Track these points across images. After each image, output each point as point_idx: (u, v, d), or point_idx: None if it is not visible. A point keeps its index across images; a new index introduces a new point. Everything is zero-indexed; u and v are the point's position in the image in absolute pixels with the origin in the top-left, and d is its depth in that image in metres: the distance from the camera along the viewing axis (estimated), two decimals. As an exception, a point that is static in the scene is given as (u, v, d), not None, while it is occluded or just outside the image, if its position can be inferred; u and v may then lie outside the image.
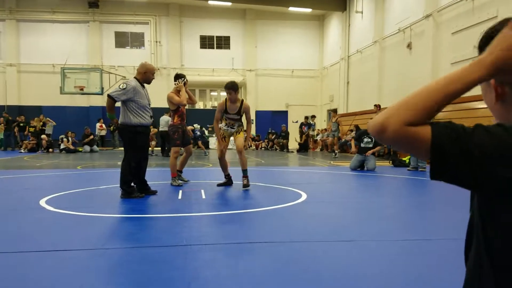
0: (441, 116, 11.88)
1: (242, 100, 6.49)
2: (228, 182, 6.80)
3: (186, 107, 7.07)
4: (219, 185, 6.72)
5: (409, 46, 15.08)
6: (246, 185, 6.35)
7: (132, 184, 5.57)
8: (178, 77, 6.88)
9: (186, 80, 6.88)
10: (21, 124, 19.22)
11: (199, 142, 17.37)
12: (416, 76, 14.33)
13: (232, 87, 6.28)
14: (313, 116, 20.83)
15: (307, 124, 19.22)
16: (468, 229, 0.97)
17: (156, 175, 8.21)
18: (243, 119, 6.58)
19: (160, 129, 14.72)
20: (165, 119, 14.14)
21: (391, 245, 3.28)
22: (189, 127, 17.79)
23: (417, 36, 14.64)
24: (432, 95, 0.83)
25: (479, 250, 0.90)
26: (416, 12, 14.54)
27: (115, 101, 5.42)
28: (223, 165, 6.79)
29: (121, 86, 5.47)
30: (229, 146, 7.54)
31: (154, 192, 5.80)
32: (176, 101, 6.61)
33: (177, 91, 6.72)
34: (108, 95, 5.46)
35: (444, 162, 0.81)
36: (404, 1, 15.68)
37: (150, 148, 14.35)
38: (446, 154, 0.80)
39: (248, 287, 2.36)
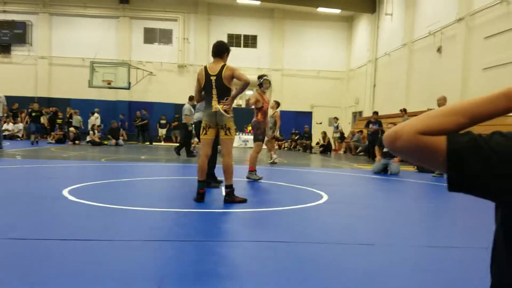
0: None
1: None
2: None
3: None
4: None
5: (439, 50, 14.76)
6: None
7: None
8: (260, 78, 7.48)
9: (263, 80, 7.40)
10: (33, 114, 16.66)
11: None
12: (446, 81, 14.01)
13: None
14: (336, 118, 20.63)
15: (376, 122, 15.08)
16: (494, 242, 0.90)
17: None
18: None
19: (184, 121, 11.93)
20: (188, 107, 11.69)
21: (413, 250, 3.18)
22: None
23: (448, 40, 14.31)
24: (451, 112, 0.80)
25: (503, 266, 0.84)
26: (447, 16, 14.21)
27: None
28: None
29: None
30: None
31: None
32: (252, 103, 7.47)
33: (261, 93, 7.40)
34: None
35: (462, 170, 0.75)
36: (435, 4, 15.36)
37: (192, 145, 12.90)
38: (463, 161, 0.74)
39: (264, 285, 2.32)
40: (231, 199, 4.80)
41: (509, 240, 0.81)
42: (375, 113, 15.66)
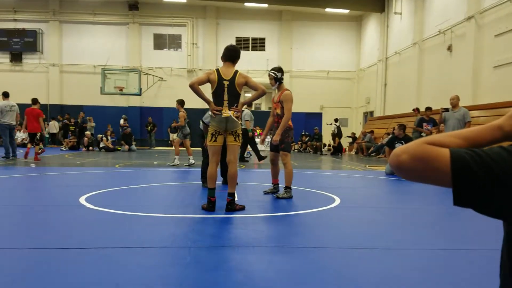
0: (482, 121, 11.48)
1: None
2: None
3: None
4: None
5: (449, 48, 14.67)
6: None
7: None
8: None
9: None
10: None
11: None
12: (457, 79, 13.92)
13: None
14: (336, 120, 20.24)
15: (430, 120, 12.24)
16: (501, 250, 0.93)
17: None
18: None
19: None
20: (248, 113, 11.76)
21: (428, 254, 3.19)
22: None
23: (458, 38, 14.22)
24: (455, 135, 0.87)
25: (506, 277, 0.88)
26: (457, 14, 14.12)
27: None
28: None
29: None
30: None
31: None
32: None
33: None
34: None
35: (467, 180, 0.78)
36: (444, 3, 15.26)
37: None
38: (468, 171, 0.78)
39: (280, 292, 2.36)
40: (233, 207, 4.72)
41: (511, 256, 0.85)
42: (428, 109, 12.44)
